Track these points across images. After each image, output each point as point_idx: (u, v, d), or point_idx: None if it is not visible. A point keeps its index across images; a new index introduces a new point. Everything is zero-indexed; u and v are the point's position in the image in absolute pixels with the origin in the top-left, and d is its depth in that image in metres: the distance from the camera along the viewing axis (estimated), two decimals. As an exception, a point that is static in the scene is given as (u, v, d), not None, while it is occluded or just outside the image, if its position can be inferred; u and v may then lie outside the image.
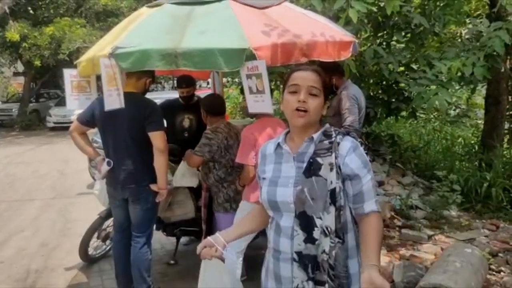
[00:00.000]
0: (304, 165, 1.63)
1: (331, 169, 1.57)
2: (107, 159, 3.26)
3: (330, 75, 4.13)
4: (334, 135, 1.66)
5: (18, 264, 4.56)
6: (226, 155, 3.38)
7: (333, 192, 1.56)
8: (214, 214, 3.62)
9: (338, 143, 1.62)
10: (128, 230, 3.44)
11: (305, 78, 1.65)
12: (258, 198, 3.10)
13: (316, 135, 1.67)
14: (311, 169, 1.60)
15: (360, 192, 1.62)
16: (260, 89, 2.70)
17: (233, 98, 14.25)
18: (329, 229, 1.56)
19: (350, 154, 1.61)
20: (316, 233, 1.58)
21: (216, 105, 3.57)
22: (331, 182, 1.56)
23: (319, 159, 1.60)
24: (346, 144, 1.63)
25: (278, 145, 1.75)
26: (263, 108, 2.80)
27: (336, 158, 1.59)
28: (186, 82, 4.28)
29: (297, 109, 1.62)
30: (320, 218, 1.57)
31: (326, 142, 1.64)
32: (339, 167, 1.58)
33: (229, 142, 3.41)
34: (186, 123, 4.35)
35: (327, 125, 1.72)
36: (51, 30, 15.49)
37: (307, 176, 1.60)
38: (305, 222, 1.59)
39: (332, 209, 1.57)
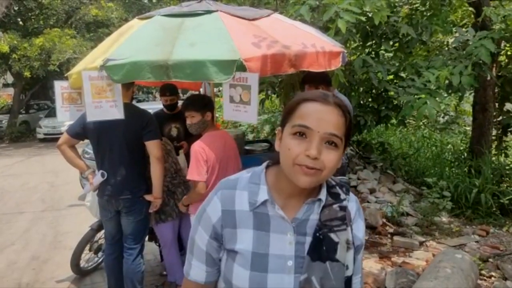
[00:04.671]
0: (308, 239, 1.13)
1: (348, 249, 1.14)
2: (101, 171, 3.26)
3: (317, 85, 4.17)
4: (342, 194, 1.19)
5: (9, 278, 4.51)
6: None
7: (349, 280, 1.15)
8: None
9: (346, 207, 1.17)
10: (120, 242, 3.43)
11: (323, 120, 1.06)
12: None
13: (323, 195, 1.16)
14: (322, 250, 1.11)
15: (357, 264, 1.23)
16: (245, 100, 2.72)
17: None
18: None
19: (357, 219, 1.20)
20: None
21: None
22: (347, 267, 1.14)
23: (332, 235, 1.12)
24: (352, 206, 1.20)
25: (264, 203, 1.16)
26: (243, 118, 2.82)
27: (352, 231, 1.16)
28: (169, 90, 4.33)
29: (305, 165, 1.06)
30: None
31: (336, 207, 1.15)
32: (353, 243, 1.17)
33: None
34: (174, 132, 4.37)
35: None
36: (41, 41, 15.46)
37: (315, 259, 1.11)
38: None
39: None
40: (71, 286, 4.22)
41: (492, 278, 3.81)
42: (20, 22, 17.81)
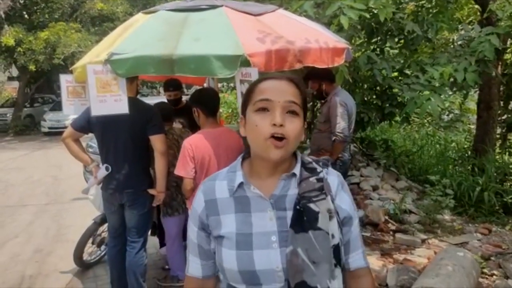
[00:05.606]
0: (288, 214, 1.17)
1: (331, 217, 1.16)
2: (105, 164, 3.27)
3: (320, 81, 4.16)
4: (319, 168, 1.25)
5: (12, 270, 4.55)
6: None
7: (336, 249, 1.16)
8: None
9: (325, 180, 1.22)
10: (123, 235, 3.45)
11: (280, 91, 1.17)
12: None
13: (297, 170, 1.22)
14: (304, 220, 1.15)
15: (350, 238, 1.25)
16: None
17: (229, 103, 14.27)
18: None
19: (340, 192, 1.24)
20: None
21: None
22: (333, 236, 1.16)
23: (312, 205, 1.16)
24: (333, 180, 1.25)
25: (240, 185, 1.22)
26: None
27: (333, 201, 1.20)
28: (173, 85, 4.33)
29: (272, 136, 1.13)
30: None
31: (313, 179, 1.20)
32: (337, 212, 1.20)
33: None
34: (178, 126, 4.38)
35: (301, 155, 1.28)
36: (46, 34, 15.51)
37: (299, 231, 1.14)
38: None
39: (338, 271, 1.18)
40: (74, 278, 4.25)
41: (494, 277, 3.80)
42: (26, 16, 17.84)
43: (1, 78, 23.55)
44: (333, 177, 1.25)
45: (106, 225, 3.96)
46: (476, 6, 6.20)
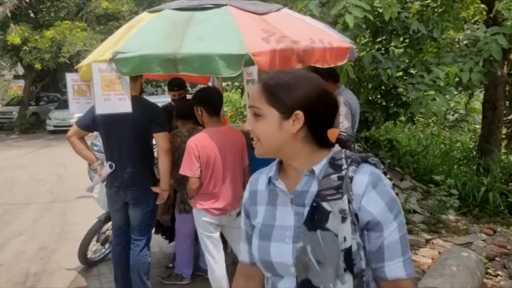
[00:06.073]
0: (306, 210, 1.15)
1: (344, 219, 1.09)
2: (109, 162, 3.29)
3: (324, 79, 4.14)
4: (345, 165, 1.16)
5: (17, 267, 4.58)
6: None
7: (348, 253, 1.09)
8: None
9: (351, 178, 1.13)
10: (127, 233, 3.46)
11: (251, 96, 1.23)
12: (205, 206, 3.10)
13: (318, 167, 1.17)
14: (315, 219, 1.12)
15: (380, 247, 1.12)
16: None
17: (234, 102, 14.27)
18: None
19: (369, 192, 1.12)
20: None
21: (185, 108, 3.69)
22: (345, 239, 1.09)
23: (325, 204, 1.12)
24: (362, 178, 1.13)
25: (270, 179, 1.27)
26: None
27: (350, 202, 1.11)
28: (177, 85, 4.34)
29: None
30: None
31: (334, 177, 1.14)
32: (355, 214, 1.11)
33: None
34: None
35: (337, 149, 1.21)
36: (52, 33, 15.58)
37: (310, 228, 1.12)
38: None
39: (348, 277, 1.09)
40: (78, 276, 4.27)
41: (499, 277, 3.79)
42: (32, 14, 17.94)
43: (7, 77, 23.65)
44: (363, 175, 1.14)
45: (110, 223, 3.97)
46: (482, 6, 6.17)
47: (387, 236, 1.11)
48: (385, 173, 1.18)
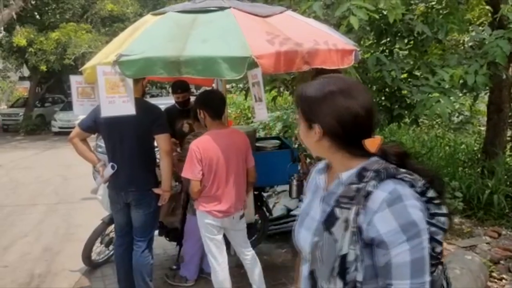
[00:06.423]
0: (328, 210, 1.21)
1: (346, 228, 1.13)
2: (111, 163, 3.31)
3: None
4: (367, 178, 1.16)
5: (22, 268, 4.60)
6: None
7: (343, 260, 1.12)
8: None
9: (369, 193, 1.13)
10: (130, 234, 3.48)
11: None
12: (208, 208, 3.11)
13: (346, 174, 1.22)
14: (328, 220, 1.18)
15: (387, 264, 1.09)
16: (260, 97, 2.75)
17: (238, 104, 14.28)
18: None
19: (383, 210, 1.10)
20: None
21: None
22: (342, 246, 1.12)
23: (337, 210, 1.17)
24: (380, 195, 1.12)
25: (319, 172, 1.38)
26: (262, 116, 2.83)
27: (357, 214, 1.12)
28: (180, 87, 4.35)
29: None
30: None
31: (354, 187, 1.17)
32: (359, 227, 1.12)
33: None
34: (186, 128, 4.39)
35: (372, 160, 1.21)
36: (57, 35, 15.67)
37: (324, 228, 1.18)
38: (313, 283, 1.26)
39: (339, 282, 1.13)
40: (82, 277, 4.29)
41: (503, 281, 3.77)
42: (37, 16, 18.04)
43: (13, 78, 23.78)
44: (381, 192, 1.12)
45: (114, 225, 3.99)
46: (488, 7, 6.14)
47: (394, 256, 1.08)
48: (423, 192, 1.15)
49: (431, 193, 1.16)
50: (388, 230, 1.08)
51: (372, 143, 1.19)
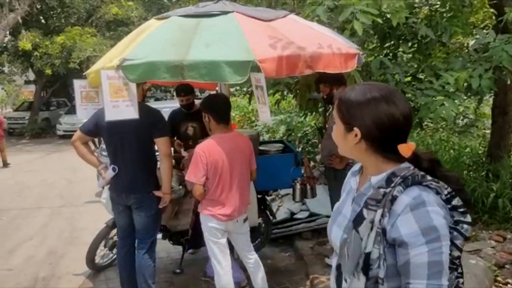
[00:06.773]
0: (357, 210, 1.29)
1: (371, 229, 1.21)
2: (112, 165, 3.34)
3: (331, 85, 4.15)
4: (394, 183, 1.23)
5: (26, 271, 4.62)
6: None
7: (367, 257, 1.21)
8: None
9: (395, 197, 1.20)
10: (132, 236, 3.50)
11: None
12: (212, 211, 3.10)
13: (376, 178, 1.30)
14: (357, 220, 1.26)
15: (406, 263, 1.16)
16: (263, 101, 2.76)
17: (242, 107, 14.28)
18: None
19: (406, 213, 1.17)
20: None
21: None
22: (367, 245, 1.21)
23: (365, 211, 1.25)
24: (404, 199, 1.19)
25: (354, 174, 1.46)
26: (266, 119, 2.84)
27: (382, 216, 1.20)
28: (184, 90, 4.35)
29: None
30: (346, 280, 1.28)
31: (382, 191, 1.24)
32: (384, 229, 1.20)
33: None
34: (190, 131, 4.39)
35: (403, 165, 1.27)
36: (62, 39, 15.76)
37: (353, 226, 1.27)
38: (339, 275, 1.36)
39: (362, 277, 1.21)
40: (86, 281, 4.30)
41: (508, 285, 3.74)
42: (42, 20, 18.16)
43: (18, 82, 23.93)
44: (405, 197, 1.19)
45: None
46: (492, 10, 6.12)
47: (413, 256, 1.15)
48: (448, 200, 1.21)
49: (456, 201, 1.22)
50: (409, 232, 1.16)
51: (407, 149, 1.25)
